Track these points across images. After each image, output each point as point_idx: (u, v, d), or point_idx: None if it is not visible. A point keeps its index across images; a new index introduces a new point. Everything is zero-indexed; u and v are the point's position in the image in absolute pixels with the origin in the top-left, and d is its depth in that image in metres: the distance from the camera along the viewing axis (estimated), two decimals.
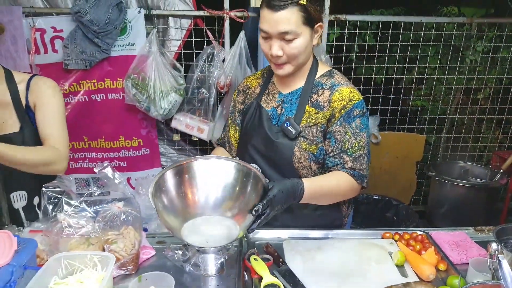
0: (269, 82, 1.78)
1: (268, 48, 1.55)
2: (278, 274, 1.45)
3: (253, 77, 1.87)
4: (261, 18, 1.51)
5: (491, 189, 3.30)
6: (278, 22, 1.46)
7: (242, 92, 1.86)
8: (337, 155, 1.60)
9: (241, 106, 1.85)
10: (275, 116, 1.70)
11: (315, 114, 1.63)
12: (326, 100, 1.62)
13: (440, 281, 1.47)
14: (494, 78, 3.61)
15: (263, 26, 1.51)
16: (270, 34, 1.50)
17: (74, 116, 3.04)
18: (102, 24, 2.69)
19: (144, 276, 1.29)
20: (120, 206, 1.47)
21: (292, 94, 1.70)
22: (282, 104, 1.71)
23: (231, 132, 1.88)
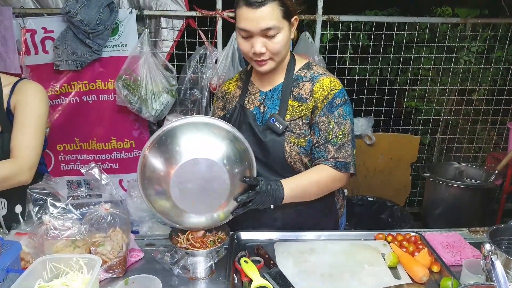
0: (248, 83, 1.76)
1: (249, 47, 1.53)
2: (269, 276, 1.43)
3: (230, 81, 1.85)
4: (239, 17, 1.50)
5: (486, 190, 3.28)
6: (259, 19, 1.45)
7: (221, 98, 1.83)
8: (322, 145, 1.62)
9: (221, 113, 1.83)
10: (259, 115, 1.70)
11: (299, 107, 1.63)
12: (308, 92, 1.64)
13: (434, 283, 1.45)
14: (489, 78, 3.61)
15: (242, 25, 1.49)
16: (251, 32, 1.49)
17: (65, 117, 3.01)
18: (93, 24, 2.66)
19: (131, 279, 1.26)
20: (107, 208, 1.44)
21: (273, 91, 1.70)
22: (264, 102, 1.70)
23: None
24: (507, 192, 3.63)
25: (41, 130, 1.70)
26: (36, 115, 1.68)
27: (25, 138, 1.65)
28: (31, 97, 1.69)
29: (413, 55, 3.44)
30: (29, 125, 1.66)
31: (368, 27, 3.33)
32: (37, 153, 1.67)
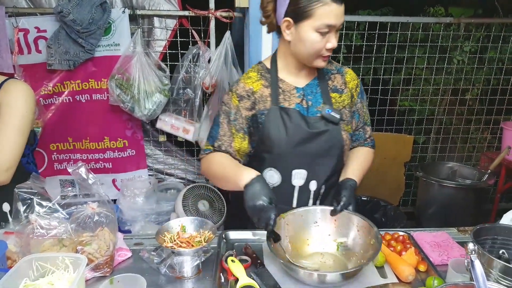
0: (277, 81, 1.71)
1: (324, 42, 1.55)
2: (255, 275, 1.43)
3: (249, 80, 1.72)
4: (326, 14, 1.49)
5: (479, 190, 3.29)
6: (342, 14, 1.53)
7: (247, 97, 1.69)
8: (361, 128, 1.85)
9: (249, 113, 1.70)
10: (303, 110, 1.69)
11: (340, 98, 1.74)
12: (341, 83, 1.77)
13: (420, 282, 1.45)
14: (482, 78, 3.62)
15: (331, 21, 1.50)
16: (333, 27, 1.53)
17: (58, 117, 3.01)
18: (86, 24, 2.66)
19: (116, 278, 1.27)
20: (94, 207, 1.44)
21: (310, 86, 1.73)
22: (304, 97, 1.71)
23: (237, 141, 1.71)
24: (500, 192, 3.64)
25: (23, 131, 1.68)
26: (20, 115, 1.67)
27: (4, 139, 1.63)
28: (15, 97, 1.68)
29: (407, 55, 3.45)
30: (11, 126, 1.65)
31: (362, 27, 3.33)
32: (16, 154, 1.66)
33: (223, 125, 1.71)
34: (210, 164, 1.72)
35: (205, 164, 1.76)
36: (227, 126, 1.71)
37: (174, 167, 3.40)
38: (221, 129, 1.71)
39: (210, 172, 1.74)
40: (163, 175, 3.41)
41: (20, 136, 1.68)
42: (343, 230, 1.57)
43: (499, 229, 1.37)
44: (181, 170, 3.43)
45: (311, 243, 1.60)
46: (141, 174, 3.30)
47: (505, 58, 3.55)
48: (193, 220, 1.56)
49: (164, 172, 3.40)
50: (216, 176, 1.71)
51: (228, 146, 1.71)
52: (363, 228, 1.52)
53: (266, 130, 1.66)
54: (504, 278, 1.16)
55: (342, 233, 1.57)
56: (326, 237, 1.59)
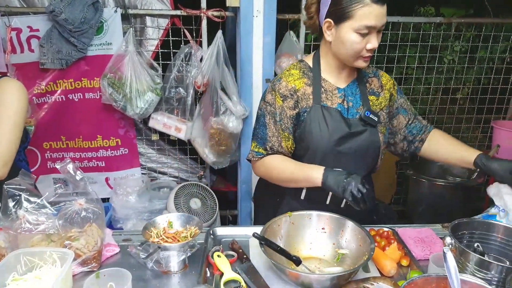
0: (320, 80, 1.73)
1: (364, 43, 1.56)
2: (241, 270, 1.46)
3: (292, 77, 1.72)
4: (367, 15, 1.50)
5: (468, 188, 3.32)
6: (383, 15, 1.53)
7: (291, 97, 1.70)
8: (414, 119, 1.91)
9: (293, 112, 1.71)
10: (344, 111, 1.72)
11: (377, 101, 1.79)
12: (378, 86, 1.81)
13: (402, 276, 1.48)
14: (473, 78, 3.65)
15: (370, 22, 1.51)
16: (374, 28, 1.54)
17: (51, 115, 3.02)
18: (78, 23, 2.68)
19: (102, 273, 1.29)
20: (82, 203, 1.47)
21: (350, 87, 1.76)
22: (345, 98, 1.74)
23: (284, 141, 1.73)
24: None
25: (17, 127, 1.71)
26: (13, 112, 1.70)
27: (2, 133, 1.67)
28: (8, 95, 1.71)
29: (398, 54, 3.47)
30: (6, 122, 1.68)
31: None
32: (13, 149, 1.69)
33: (270, 126, 1.73)
34: (269, 169, 1.76)
35: (261, 168, 1.79)
36: (273, 127, 1.72)
37: (167, 165, 3.42)
38: (268, 130, 1.73)
39: (272, 177, 1.77)
40: (156, 173, 3.43)
41: (15, 133, 1.71)
42: (347, 242, 1.57)
43: (476, 224, 1.40)
44: (174, 168, 3.45)
45: (313, 248, 1.60)
46: (134, 172, 3.32)
47: (495, 58, 3.58)
48: (180, 216, 1.59)
49: (157, 171, 3.42)
50: (281, 179, 1.74)
51: (279, 146, 1.73)
52: (362, 239, 1.51)
53: (308, 128, 1.69)
54: (479, 271, 1.19)
55: (345, 244, 1.57)
56: (330, 245, 1.60)
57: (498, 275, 1.17)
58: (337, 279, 1.32)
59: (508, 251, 1.38)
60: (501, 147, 3.36)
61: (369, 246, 1.42)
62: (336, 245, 1.59)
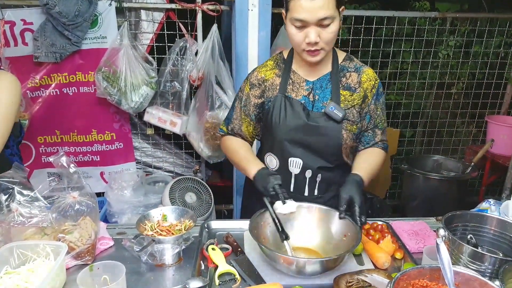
0: (289, 72, 1.75)
1: (302, 37, 1.55)
2: (235, 263, 1.46)
3: (265, 68, 1.80)
4: (296, 7, 1.49)
5: (462, 182, 3.34)
6: (317, 9, 1.47)
7: (258, 86, 1.78)
8: (371, 129, 1.80)
9: (258, 100, 1.79)
10: (308, 103, 1.72)
11: (350, 97, 1.73)
12: (356, 82, 1.74)
13: (396, 269, 1.49)
14: (467, 72, 3.66)
15: (299, 15, 1.49)
16: (307, 22, 1.51)
17: (45, 109, 3.00)
18: (72, 16, 2.66)
19: (96, 265, 1.29)
20: (75, 196, 1.46)
21: (321, 80, 1.74)
22: (313, 91, 1.73)
23: (245, 125, 1.85)
24: (485, 184, 3.70)
25: (7, 121, 1.68)
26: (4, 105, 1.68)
27: None
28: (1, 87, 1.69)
29: (393, 49, 3.48)
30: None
31: (349, 21, 3.36)
32: (2, 136, 1.66)
33: (236, 109, 1.86)
34: (226, 149, 1.90)
35: (222, 145, 1.94)
36: (239, 111, 1.85)
37: (163, 160, 3.42)
38: (234, 112, 1.87)
39: (227, 155, 1.91)
40: (151, 168, 3.42)
41: (5, 125, 1.68)
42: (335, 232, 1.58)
43: (470, 216, 1.41)
44: (169, 163, 3.44)
45: (303, 238, 1.61)
46: (129, 167, 3.31)
47: (490, 53, 3.59)
48: (174, 209, 1.59)
49: (152, 165, 3.42)
50: (232, 160, 1.87)
51: (239, 129, 1.86)
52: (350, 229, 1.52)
53: (269, 116, 1.74)
54: (473, 263, 1.20)
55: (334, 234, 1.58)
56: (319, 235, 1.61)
57: (491, 267, 1.17)
58: (326, 263, 1.34)
59: (501, 243, 1.39)
60: (495, 142, 3.40)
61: (356, 235, 1.43)
62: (325, 235, 1.60)
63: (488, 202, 1.73)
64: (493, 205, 1.71)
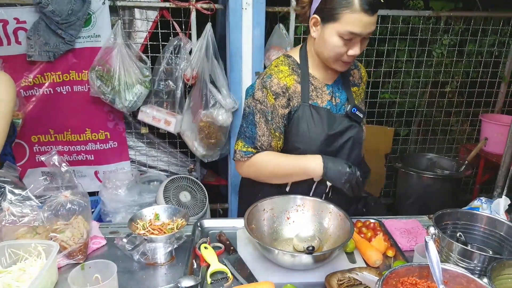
0: (308, 77, 1.69)
1: (346, 48, 1.53)
2: (227, 261, 1.47)
3: (282, 74, 1.66)
4: (353, 21, 1.46)
5: (456, 180, 3.36)
6: (371, 24, 1.49)
7: (283, 94, 1.64)
8: None
9: (285, 111, 1.66)
10: (333, 108, 1.72)
11: (358, 91, 1.83)
12: (359, 77, 1.85)
13: (387, 266, 1.50)
14: (461, 71, 3.67)
15: (355, 29, 1.47)
16: (359, 36, 1.50)
17: (39, 108, 2.99)
18: (65, 15, 2.65)
19: (87, 264, 1.28)
20: (67, 195, 1.46)
21: (336, 83, 1.76)
22: (333, 94, 1.73)
23: (275, 141, 1.69)
24: (479, 182, 3.72)
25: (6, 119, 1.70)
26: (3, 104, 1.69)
27: None
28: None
29: (387, 47, 3.48)
30: None
31: None
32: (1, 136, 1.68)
33: (260, 125, 1.66)
34: (262, 166, 1.70)
35: (252, 168, 1.72)
36: (265, 126, 1.66)
37: (157, 159, 3.41)
38: (258, 129, 1.67)
39: (265, 173, 1.72)
40: (145, 167, 3.42)
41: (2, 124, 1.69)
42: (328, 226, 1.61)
43: (460, 214, 1.42)
44: (164, 162, 3.44)
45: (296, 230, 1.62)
46: (123, 166, 3.30)
47: (484, 51, 3.61)
48: (167, 208, 1.59)
49: (146, 164, 3.41)
50: (276, 175, 1.70)
51: (268, 146, 1.69)
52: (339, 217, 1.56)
53: (295, 127, 1.66)
54: (462, 261, 1.21)
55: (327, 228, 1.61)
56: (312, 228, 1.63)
57: (480, 265, 1.18)
58: (316, 258, 1.35)
59: (491, 241, 1.39)
60: (489, 140, 3.41)
61: (349, 229, 1.45)
62: (318, 228, 1.62)
63: (480, 200, 1.74)
64: (485, 203, 1.72)
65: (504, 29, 3.54)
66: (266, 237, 1.57)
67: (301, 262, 1.36)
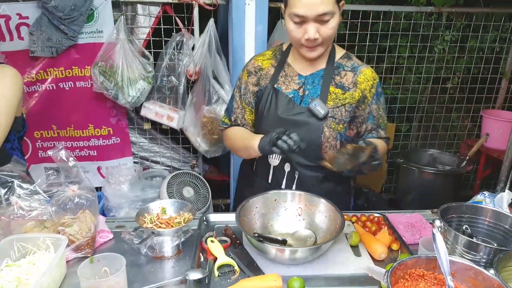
0: (284, 64, 1.75)
1: (301, 33, 1.54)
2: (234, 255, 1.48)
3: (263, 57, 1.81)
4: (295, 2, 1.48)
5: (457, 176, 3.37)
6: (317, 4, 1.46)
7: (254, 73, 1.79)
8: (374, 130, 1.76)
9: (255, 88, 1.79)
10: (297, 97, 1.71)
11: (342, 95, 1.69)
12: (351, 81, 1.70)
13: (393, 260, 1.51)
14: (463, 67, 3.68)
15: (299, 11, 1.48)
16: (306, 18, 1.49)
17: (42, 104, 3.00)
18: (68, 10, 2.65)
19: (96, 258, 1.29)
20: (75, 189, 1.47)
21: (313, 76, 1.73)
22: (304, 86, 1.72)
23: (247, 114, 1.83)
24: (480, 178, 3.73)
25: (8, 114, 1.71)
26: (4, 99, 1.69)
27: None
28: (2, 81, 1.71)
29: (388, 43, 3.49)
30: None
31: (345, 16, 3.36)
32: (2, 131, 1.68)
33: (236, 99, 1.85)
34: (231, 139, 1.85)
35: (226, 139, 1.90)
36: (239, 100, 1.84)
37: (160, 154, 3.42)
38: (235, 102, 1.85)
39: (233, 147, 1.85)
40: (148, 162, 3.43)
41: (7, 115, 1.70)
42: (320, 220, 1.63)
43: (465, 208, 1.43)
44: (167, 157, 3.45)
45: (288, 225, 1.65)
46: (126, 161, 3.31)
47: (485, 47, 3.61)
48: (174, 202, 1.60)
49: (149, 160, 3.42)
50: (239, 148, 1.80)
51: (242, 118, 1.84)
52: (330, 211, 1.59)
53: (258, 106, 1.77)
54: (468, 253, 1.22)
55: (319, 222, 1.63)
56: (304, 222, 1.65)
57: (486, 257, 1.19)
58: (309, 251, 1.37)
59: (496, 234, 1.41)
60: (490, 136, 3.42)
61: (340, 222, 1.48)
62: (310, 222, 1.64)
63: (483, 194, 1.75)
64: (488, 198, 1.73)
65: (506, 25, 3.55)
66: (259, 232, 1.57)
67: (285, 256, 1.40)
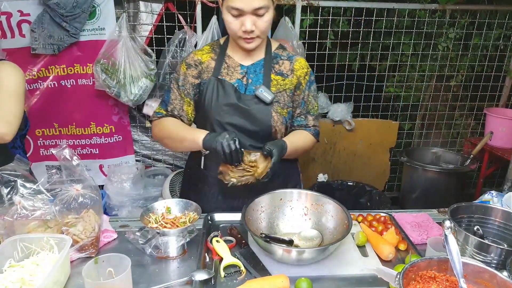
0: (224, 56, 1.81)
1: (238, 25, 1.62)
2: (240, 255, 1.46)
3: (201, 52, 1.85)
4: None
5: (461, 174, 3.35)
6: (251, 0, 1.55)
7: (194, 66, 1.81)
8: (303, 115, 1.88)
9: (196, 81, 1.81)
10: (242, 86, 1.78)
11: (283, 81, 1.81)
12: (288, 69, 1.83)
13: (400, 260, 1.49)
14: (466, 65, 3.66)
15: (235, 4, 1.56)
16: (242, 11, 1.57)
17: (43, 102, 2.99)
18: (69, 7, 2.63)
19: (101, 258, 1.27)
20: (79, 188, 1.45)
21: (255, 66, 1.81)
22: (247, 75, 1.79)
23: (186, 106, 1.84)
24: (484, 176, 3.72)
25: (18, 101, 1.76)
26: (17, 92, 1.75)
27: (11, 106, 1.73)
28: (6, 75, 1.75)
29: (392, 41, 3.47)
30: (9, 98, 1.73)
31: (349, 13, 3.34)
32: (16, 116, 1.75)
33: (173, 91, 1.84)
34: (164, 127, 1.81)
35: (157, 127, 1.85)
36: (176, 91, 1.83)
37: (162, 153, 3.40)
38: (172, 93, 1.84)
39: (165, 134, 1.81)
40: (150, 160, 3.41)
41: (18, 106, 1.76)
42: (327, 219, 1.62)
43: (475, 208, 1.41)
44: (169, 156, 3.43)
45: (294, 225, 1.65)
46: (128, 159, 3.30)
47: (489, 45, 3.59)
48: (178, 202, 1.58)
49: (151, 158, 3.40)
50: (172, 137, 1.79)
51: (180, 109, 1.83)
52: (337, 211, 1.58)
53: (203, 98, 1.78)
54: (479, 254, 1.20)
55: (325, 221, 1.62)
56: (310, 222, 1.65)
57: (497, 258, 1.18)
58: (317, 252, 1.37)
59: (506, 235, 1.39)
60: (494, 134, 3.40)
61: (348, 222, 1.46)
62: (316, 222, 1.63)
63: (490, 193, 1.74)
64: (495, 197, 1.71)
65: (510, 22, 3.52)
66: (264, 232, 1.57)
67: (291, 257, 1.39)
